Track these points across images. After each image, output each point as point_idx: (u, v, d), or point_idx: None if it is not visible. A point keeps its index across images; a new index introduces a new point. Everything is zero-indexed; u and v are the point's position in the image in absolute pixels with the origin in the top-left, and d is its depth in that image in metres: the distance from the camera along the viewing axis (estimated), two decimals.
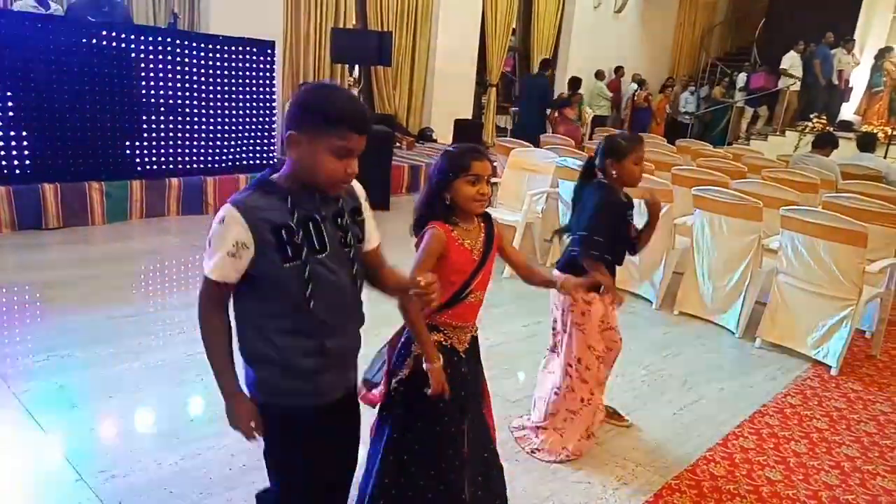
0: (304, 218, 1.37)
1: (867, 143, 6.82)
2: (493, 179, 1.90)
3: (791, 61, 11.24)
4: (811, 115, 10.74)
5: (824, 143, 6.20)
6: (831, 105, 11.15)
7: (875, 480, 2.64)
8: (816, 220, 3.68)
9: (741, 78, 12.37)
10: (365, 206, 1.56)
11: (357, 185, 1.54)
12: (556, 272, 2.55)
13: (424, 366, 1.79)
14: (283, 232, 1.35)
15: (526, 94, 9.40)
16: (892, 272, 3.89)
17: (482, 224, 1.91)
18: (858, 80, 11.26)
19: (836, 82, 11.15)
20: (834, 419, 3.12)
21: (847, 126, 9.85)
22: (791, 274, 3.82)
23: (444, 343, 1.90)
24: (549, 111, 9.19)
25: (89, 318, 3.48)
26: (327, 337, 1.44)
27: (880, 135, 9.37)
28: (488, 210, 1.92)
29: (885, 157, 8.42)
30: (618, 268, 2.59)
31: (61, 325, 3.36)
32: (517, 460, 2.54)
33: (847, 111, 11.17)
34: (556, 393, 2.61)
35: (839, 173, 5.91)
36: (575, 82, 10.24)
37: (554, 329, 2.67)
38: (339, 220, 1.44)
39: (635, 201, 2.60)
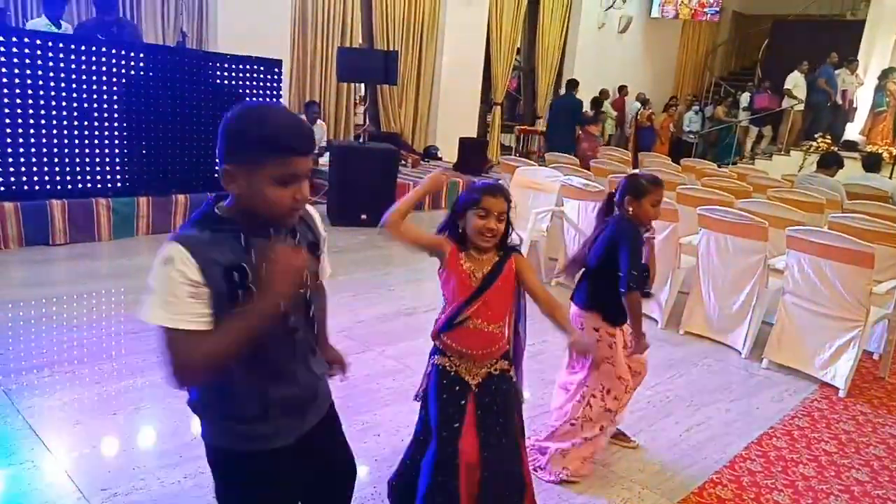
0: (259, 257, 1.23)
1: (873, 163, 6.82)
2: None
3: (795, 81, 11.28)
4: (816, 135, 10.75)
5: (830, 163, 6.19)
6: (835, 125, 11.17)
7: None
8: (823, 240, 3.67)
9: (745, 98, 12.43)
10: (322, 237, 1.44)
11: (313, 213, 1.43)
12: (574, 308, 2.57)
13: None
14: (236, 274, 1.20)
15: (555, 114, 9.89)
16: None
17: (498, 257, 1.90)
18: (862, 100, 11.29)
19: (840, 102, 11.18)
20: (842, 442, 3.09)
21: (852, 146, 9.86)
22: (798, 294, 3.80)
23: (447, 368, 1.91)
24: (577, 128, 9.61)
25: (94, 334, 3.48)
26: (276, 384, 1.32)
27: (885, 155, 9.37)
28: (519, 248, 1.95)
29: (890, 178, 8.41)
30: None
31: (66, 341, 3.36)
32: None
33: (852, 131, 11.18)
34: (571, 424, 2.55)
35: (845, 193, 5.90)
36: (598, 102, 10.61)
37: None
38: None
39: None
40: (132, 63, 5.19)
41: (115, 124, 5.18)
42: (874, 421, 3.34)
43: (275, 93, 6.17)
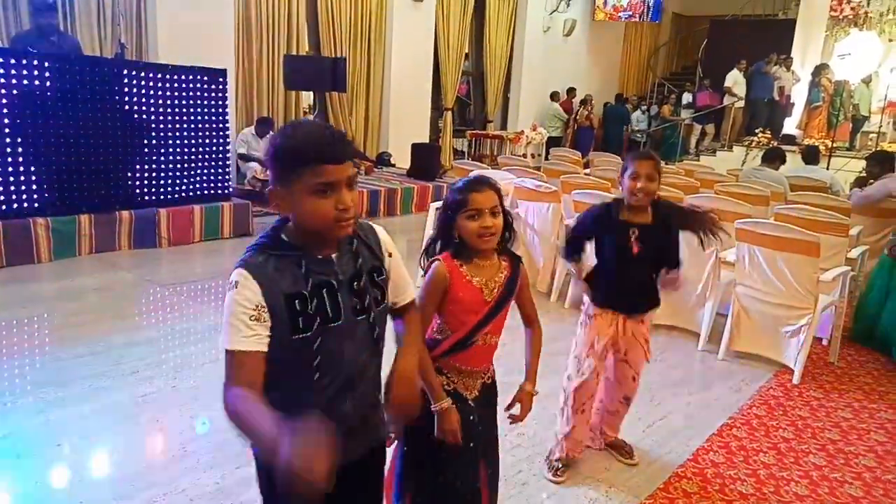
0: (319, 284, 1.26)
1: (812, 155, 7.07)
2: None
3: (734, 79, 11.67)
4: (756, 130, 11.13)
5: (773, 158, 6.40)
6: (774, 120, 11.58)
7: (843, 488, 2.66)
8: (770, 231, 3.76)
9: (687, 96, 12.78)
10: (389, 260, 1.43)
11: (381, 235, 1.43)
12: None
13: (431, 407, 1.67)
14: (297, 302, 1.23)
15: (608, 120, 13.19)
16: (844, 280, 4.00)
17: (505, 263, 1.78)
18: (799, 96, 11.73)
19: (778, 98, 11.60)
20: (799, 428, 3.16)
21: (790, 140, 10.24)
22: (749, 285, 3.88)
23: (446, 388, 1.77)
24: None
25: (35, 361, 3.30)
26: (324, 410, 1.29)
27: (822, 147, 9.74)
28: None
29: (827, 168, 8.74)
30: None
31: (5, 370, 3.18)
32: None
33: (789, 126, 11.60)
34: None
35: (788, 185, 6.10)
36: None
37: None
38: (355, 283, 1.32)
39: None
40: (68, 76, 4.98)
41: (53, 139, 4.94)
42: (827, 406, 3.44)
43: (221, 103, 6.01)
